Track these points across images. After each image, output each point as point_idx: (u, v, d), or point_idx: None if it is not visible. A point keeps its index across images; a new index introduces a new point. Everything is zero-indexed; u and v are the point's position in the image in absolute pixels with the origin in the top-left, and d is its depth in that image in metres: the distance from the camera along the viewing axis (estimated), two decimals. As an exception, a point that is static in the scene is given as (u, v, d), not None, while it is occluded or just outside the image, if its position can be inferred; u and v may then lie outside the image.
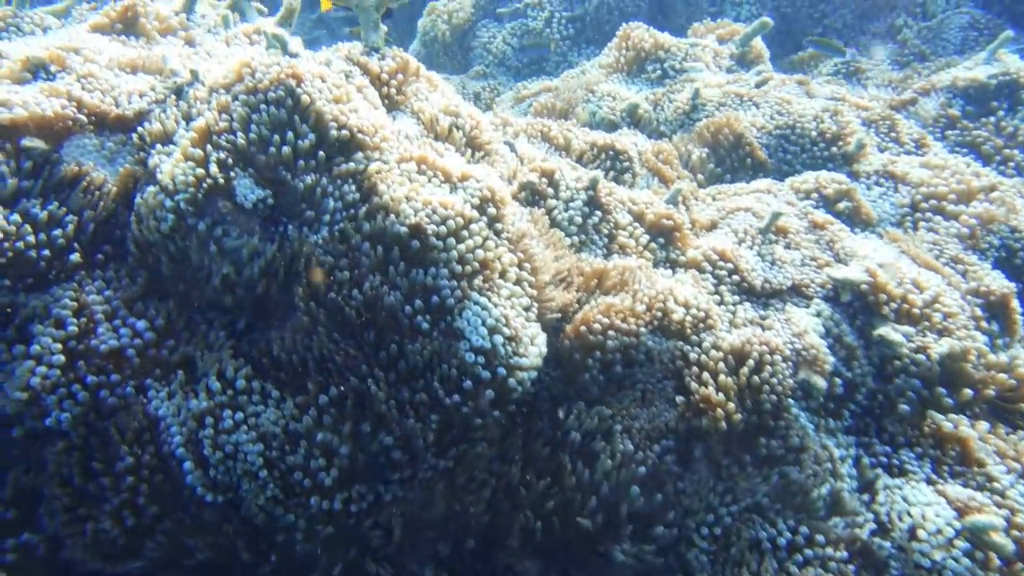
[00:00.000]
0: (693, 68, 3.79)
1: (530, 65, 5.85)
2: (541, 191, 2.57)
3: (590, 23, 5.73)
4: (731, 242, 2.56)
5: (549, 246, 2.38)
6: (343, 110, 2.05)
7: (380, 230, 2.01)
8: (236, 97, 1.99)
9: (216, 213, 1.94)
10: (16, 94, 1.98)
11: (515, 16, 5.98)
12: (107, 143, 2.06)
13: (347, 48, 2.50)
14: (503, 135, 3.04)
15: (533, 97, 5.18)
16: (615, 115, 3.72)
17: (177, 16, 2.78)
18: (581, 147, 3.06)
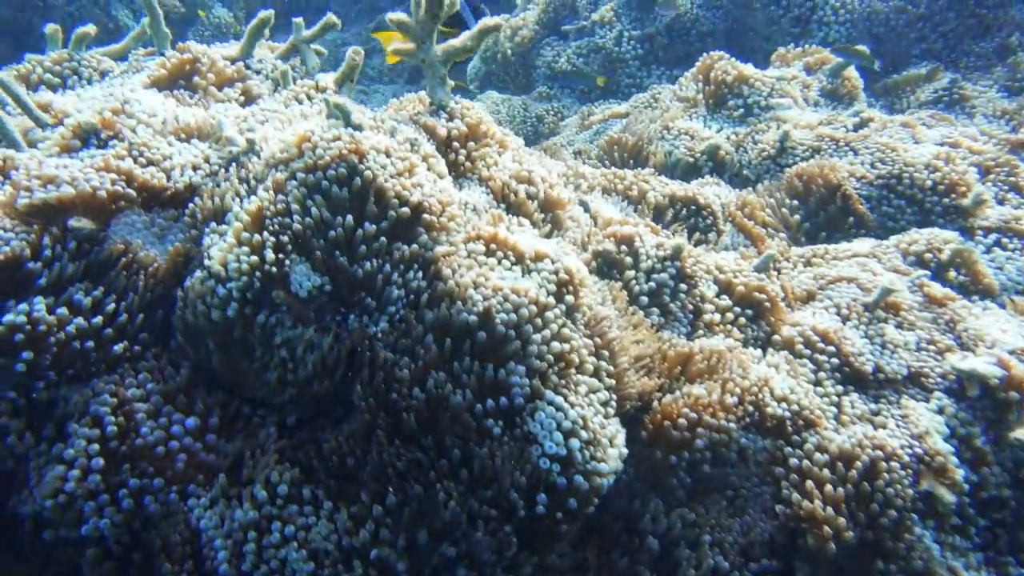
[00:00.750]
0: (780, 105, 3.54)
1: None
2: (618, 261, 2.38)
3: (661, 43, 5.50)
4: (833, 320, 2.33)
5: (628, 325, 2.20)
6: (407, 186, 1.91)
7: (444, 320, 1.85)
8: (294, 176, 1.86)
9: (269, 302, 1.82)
10: (65, 169, 1.89)
11: (581, 34, 5.80)
12: (157, 219, 1.96)
13: (413, 106, 2.36)
14: (576, 190, 2.86)
15: (601, 124, 4.99)
16: (693, 156, 3.50)
17: (234, 65, 2.69)
18: (658, 200, 2.86)
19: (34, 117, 2.33)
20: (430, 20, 2.26)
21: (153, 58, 2.85)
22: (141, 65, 2.74)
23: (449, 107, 2.33)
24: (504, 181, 2.21)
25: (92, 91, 2.53)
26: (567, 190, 2.73)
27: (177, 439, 1.77)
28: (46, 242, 1.81)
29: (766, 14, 5.34)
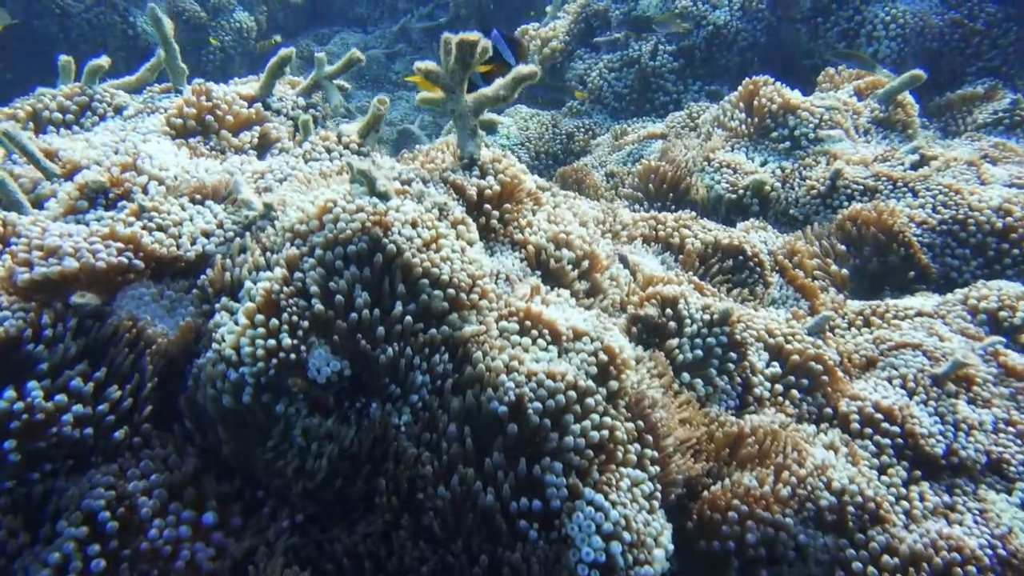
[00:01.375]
0: (830, 138, 3.35)
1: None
2: (661, 327, 2.23)
3: (700, 57, 5.31)
4: (898, 395, 2.16)
5: (673, 402, 2.04)
6: (435, 261, 1.77)
7: (472, 409, 1.72)
8: (313, 251, 1.74)
9: (285, 388, 1.70)
10: (68, 239, 1.78)
11: (614, 47, 5.63)
12: (167, 291, 1.85)
13: (442, 157, 2.23)
14: (614, 239, 2.71)
15: (636, 146, 4.83)
16: (736, 192, 3.33)
17: (252, 107, 2.57)
18: (699, 248, 2.70)
19: (42, 168, 2.23)
20: (460, 69, 2.12)
21: (169, 96, 2.75)
22: (156, 106, 2.63)
23: (480, 161, 2.20)
24: (539, 245, 2.07)
25: (103, 135, 2.42)
26: (605, 243, 2.58)
27: (185, 541, 1.65)
28: (46, 320, 1.70)
29: (810, 28, 5.13)
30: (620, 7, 5.76)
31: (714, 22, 5.20)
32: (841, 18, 4.91)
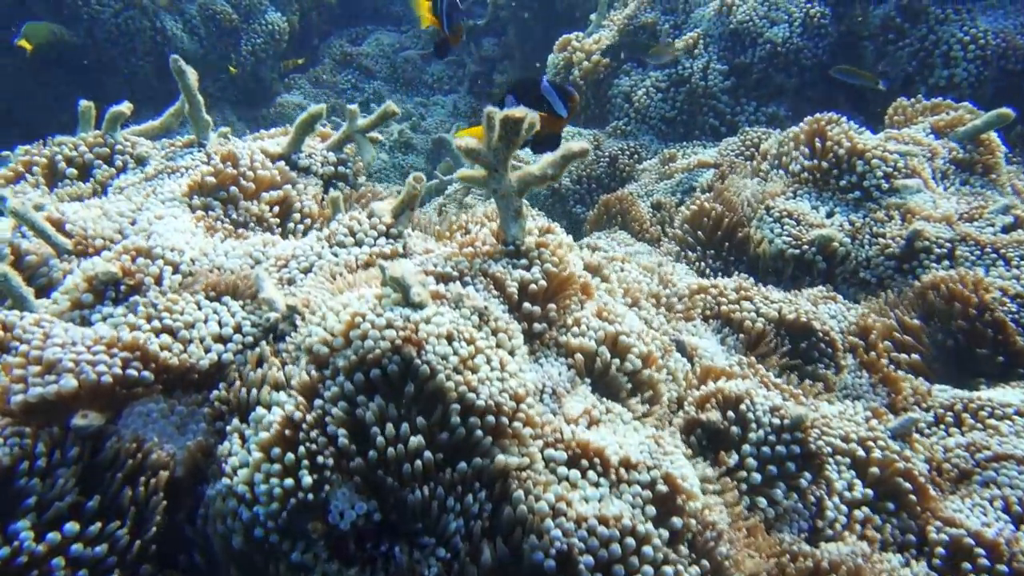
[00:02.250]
0: (906, 188, 3.09)
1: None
2: (723, 433, 2.02)
3: (755, 77, 5.03)
4: (1001, 524, 1.92)
5: (739, 530, 1.84)
6: (472, 385, 1.59)
7: (509, 561, 1.54)
8: (337, 375, 1.56)
9: (303, 531, 1.53)
10: (70, 350, 1.64)
11: (662, 63, 5.37)
12: (178, 406, 1.70)
13: (483, 239, 2.04)
14: (668, 312, 2.49)
15: (686, 175, 4.59)
16: (800, 248, 3.09)
17: (275, 166, 2.41)
18: (762, 328, 2.47)
19: (53, 244, 2.10)
20: (505, 147, 1.93)
21: (192, 152, 2.60)
22: (177, 166, 2.48)
23: (525, 247, 2.00)
24: (590, 351, 1.87)
25: (119, 203, 2.28)
26: (659, 320, 2.37)
27: None
28: (41, 448, 1.56)
29: (878, 46, 4.82)
30: (670, 19, 5.51)
31: (772, 39, 4.92)
32: (914, 38, 4.59)
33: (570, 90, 2.96)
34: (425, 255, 2.05)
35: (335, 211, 2.11)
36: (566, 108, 2.97)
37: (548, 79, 3.04)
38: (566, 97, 2.93)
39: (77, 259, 2.08)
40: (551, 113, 3.03)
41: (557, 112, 2.98)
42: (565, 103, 2.94)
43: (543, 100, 3.00)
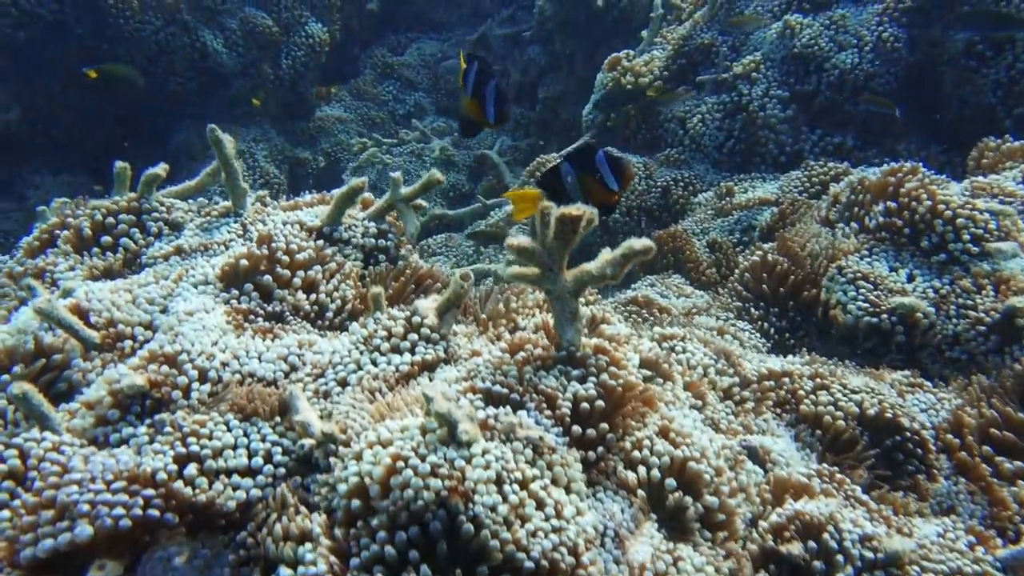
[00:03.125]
0: (1000, 253, 2.83)
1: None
2: (804, 568, 1.82)
3: (820, 105, 4.77)
4: None
5: None
6: (520, 543, 1.43)
7: None
8: (374, 533, 1.42)
9: None
10: (87, 491, 1.52)
11: (719, 89, 5.14)
12: (201, 550, 1.57)
13: (533, 342, 1.87)
14: (737, 406, 2.30)
15: (744, 213, 4.36)
16: (878, 316, 2.85)
17: (313, 244, 2.27)
18: (841, 425, 2.26)
19: (81, 339, 1.99)
20: (561, 246, 1.76)
21: (228, 221, 2.49)
22: (212, 242, 2.36)
23: (580, 354, 1.83)
24: (654, 482, 1.70)
25: (149, 288, 2.17)
26: (730, 434, 2.18)
27: None
28: (55, 607, 1.45)
29: (957, 73, 4.52)
30: (727, 40, 5.26)
31: (840, 65, 4.65)
32: (1001, 66, 4.28)
33: (625, 164, 2.78)
34: (471, 360, 1.89)
35: (375, 307, 1.96)
36: (617, 180, 2.78)
37: (605, 150, 2.85)
38: (620, 171, 2.75)
39: (103, 357, 1.97)
40: (604, 186, 2.83)
41: (608, 186, 2.79)
42: (618, 178, 2.76)
43: (598, 171, 2.80)
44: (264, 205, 2.72)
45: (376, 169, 7.17)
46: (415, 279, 2.31)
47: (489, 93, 2.62)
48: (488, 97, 2.63)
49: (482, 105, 2.64)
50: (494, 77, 2.67)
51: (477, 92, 2.65)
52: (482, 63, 2.69)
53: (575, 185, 2.69)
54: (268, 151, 7.79)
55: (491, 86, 2.62)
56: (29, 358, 1.92)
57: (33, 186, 6.97)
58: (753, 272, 3.38)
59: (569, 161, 2.71)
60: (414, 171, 7.20)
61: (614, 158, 2.54)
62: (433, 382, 1.77)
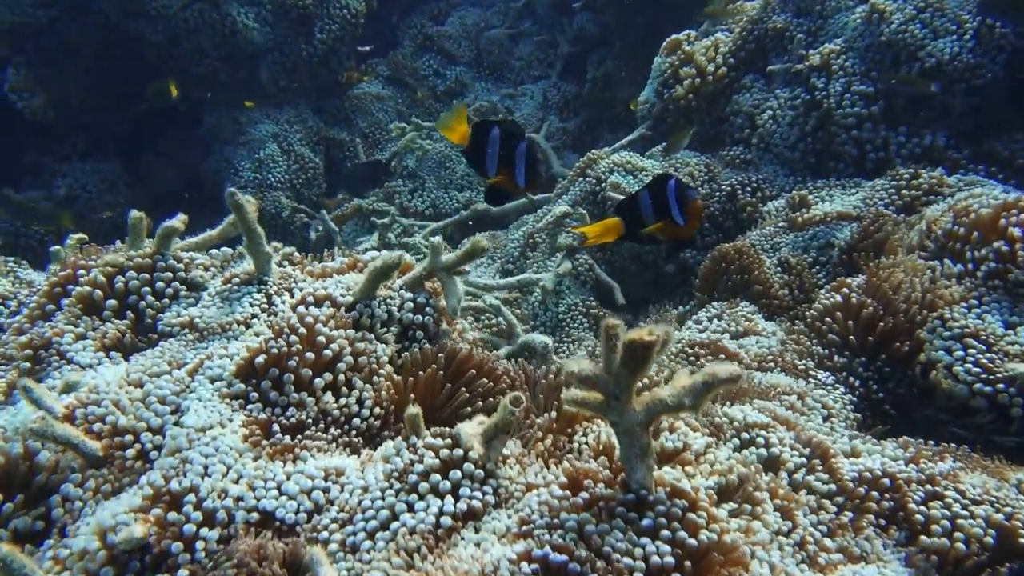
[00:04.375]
0: None
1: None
2: None
3: (903, 104, 4.32)
4: None
5: None
6: None
7: None
8: None
9: None
10: None
11: (791, 80, 4.71)
12: None
13: (594, 477, 1.60)
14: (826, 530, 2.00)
15: (820, 228, 3.99)
16: (992, 387, 2.52)
17: (344, 334, 2.02)
18: (959, 551, 1.95)
19: (81, 452, 1.79)
20: (629, 374, 1.49)
21: (251, 290, 2.24)
22: (231, 321, 2.13)
23: (653, 499, 1.56)
24: None
25: (161, 384, 1.94)
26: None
27: None
28: None
29: (1073, 66, 4.03)
30: (804, 23, 4.80)
31: (936, 54, 4.18)
32: None
33: (691, 197, 2.53)
34: (525, 501, 1.63)
35: (412, 430, 1.71)
36: (683, 215, 2.56)
37: (676, 179, 2.63)
38: (685, 205, 2.52)
39: (102, 476, 1.77)
40: (668, 218, 2.60)
41: (674, 219, 2.57)
42: (683, 210, 2.54)
43: (661, 201, 2.64)
44: (291, 263, 2.48)
45: (416, 156, 6.88)
46: (455, 365, 2.06)
47: (520, 156, 2.44)
48: (519, 159, 2.44)
49: (510, 170, 2.42)
50: (523, 138, 2.47)
51: (506, 159, 2.47)
52: (506, 127, 2.49)
53: (651, 215, 2.62)
54: (303, 133, 7.56)
55: (522, 148, 2.45)
56: (19, 481, 1.73)
57: (61, 173, 6.85)
58: (836, 314, 3.04)
59: (648, 189, 2.63)
60: (456, 157, 6.90)
61: (682, 189, 2.47)
62: (481, 544, 1.52)
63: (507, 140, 2.47)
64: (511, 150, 2.46)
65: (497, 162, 2.47)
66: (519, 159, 2.45)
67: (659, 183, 2.69)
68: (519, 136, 2.49)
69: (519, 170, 2.45)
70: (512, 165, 2.46)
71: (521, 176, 2.46)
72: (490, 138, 2.47)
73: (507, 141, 2.47)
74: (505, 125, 2.50)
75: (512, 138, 2.48)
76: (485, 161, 2.49)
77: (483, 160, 2.49)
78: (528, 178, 2.48)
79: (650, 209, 2.65)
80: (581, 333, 4.54)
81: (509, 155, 2.47)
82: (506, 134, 2.48)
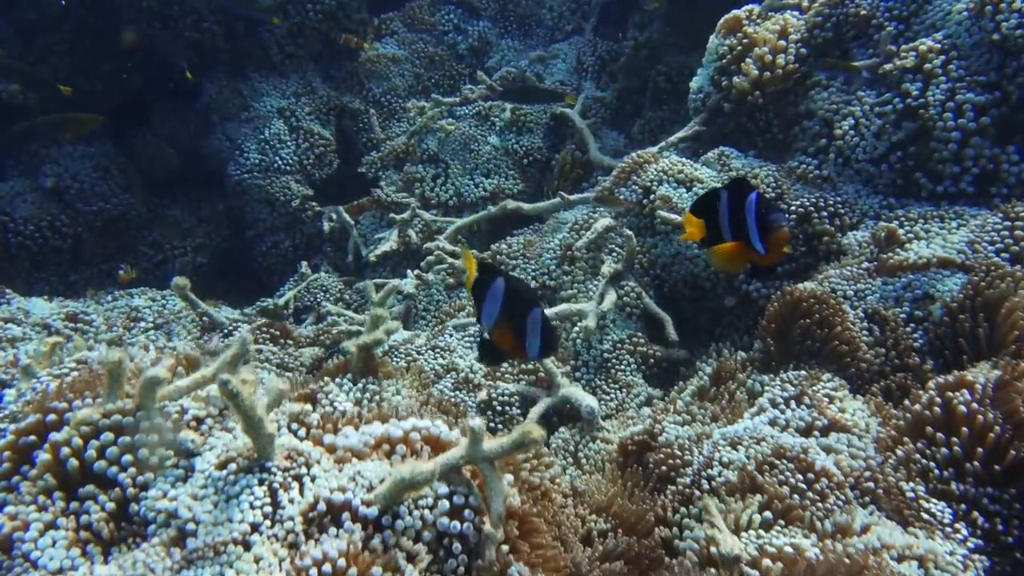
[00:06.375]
0: None
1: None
2: None
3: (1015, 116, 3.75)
4: None
5: None
6: None
7: None
8: None
9: None
10: None
11: (876, 80, 4.13)
12: None
13: None
14: None
15: (915, 276, 3.51)
16: None
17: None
18: None
19: None
20: None
21: (251, 482, 1.86)
22: (223, 543, 1.76)
23: None
24: None
25: None
26: None
27: None
28: None
29: None
30: (896, 7, 4.18)
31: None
32: None
33: (778, 223, 2.17)
34: None
35: None
36: (762, 243, 2.26)
37: (758, 193, 2.22)
38: (766, 230, 2.15)
39: None
40: (746, 242, 2.32)
41: (754, 245, 2.21)
42: (763, 236, 2.24)
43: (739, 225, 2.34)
44: (302, 425, 2.10)
45: (438, 138, 6.36)
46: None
47: (532, 325, 2.12)
48: (531, 329, 2.12)
49: (518, 334, 2.11)
50: (538, 304, 2.14)
51: (513, 319, 2.15)
52: (513, 285, 2.20)
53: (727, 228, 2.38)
54: (313, 105, 7.04)
55: (534, 316, 2.12)
56: None
57: (49, 160, 6.42)
58: (959, 429, 2.61)
59: (728, 191, 2.38)
60: (481, 137, 6.38)
61: (765, 208, 2.19)
62: None
63: (515, 300, 2.11)
64: (522, 314, 2.12)
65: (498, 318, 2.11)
66: (532, 328, 2.10)
67: (739, 190, 2.35)
68: (533, 302, 2.13)
69: (532, 342, 2.12)
70: (522, 329, 2.11)
71: (535, 348, 2.13)
72: (492, 291, 2.09)
73: (515, 301, 2.12)
74: (515, 286, 2.14)
75: (522, 302, 2.13)
76: (484, 310, 2.13)
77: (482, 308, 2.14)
78: (545, 352, 2.17)
79: (727, 219, 2.34)
80: (630, 376, 4.15)
81: (519, 319, 2.12)
82: (514, 292, 2.15)
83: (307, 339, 4.88)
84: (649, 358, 4.22)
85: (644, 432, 3.27)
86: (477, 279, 2.19)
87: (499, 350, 2.22)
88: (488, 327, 2.16)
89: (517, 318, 2.08)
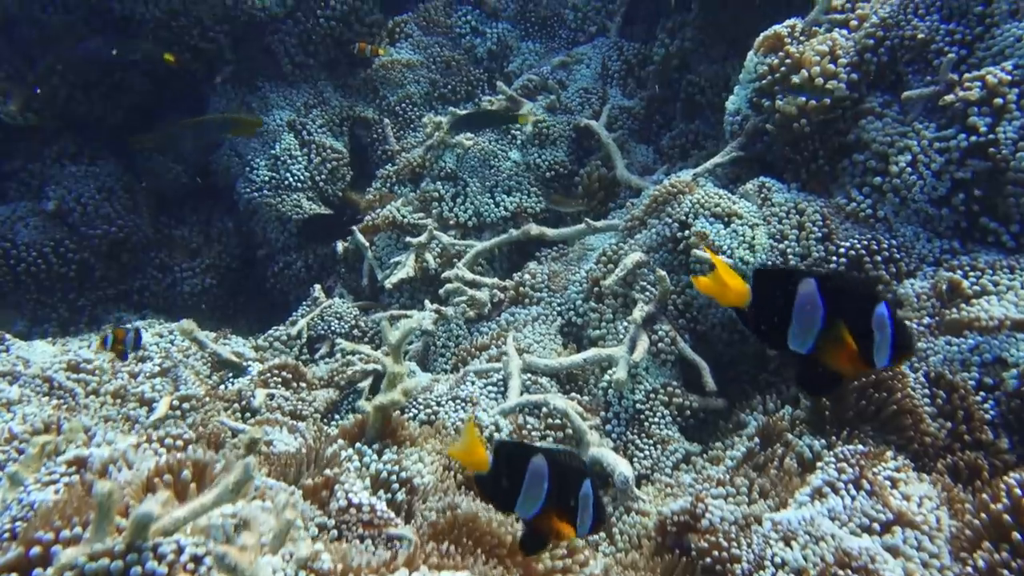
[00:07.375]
0: None
1: None
2: None
3: (1104, 158, 3.44)
4: None
5: None
6: None
7: None
8: None
9: None
10: None
11: (934, 110, 3.82)
12: None
13: None
14: None
15: (987, 340, 3.23)
16: None
17: None
18: None
19: None
20: None
21: None
22: None
23: None
24: None
25: None
26: None
27: None
28: None
29: None
30: (957, 32, 3.86)
31: None
32: None
33: (909, 345, 1.85)
34: None
35: None
36: (894, 351, 1.85)
37: (890, 305, 1.87)
38: (899, 344, 1.86)
39: None
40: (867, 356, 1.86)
41: (874, 361, 1.86)
42: (894, 349, 1.85)
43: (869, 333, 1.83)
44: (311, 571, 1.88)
45: (456, 154, 6.09)
46: None
47: (584, 502, 1.88)
48: (582, 506, 1.89)
49: (568, 511, 1.87)
50: (587, 474, 1.90)
51: (560, 498, 1.89)
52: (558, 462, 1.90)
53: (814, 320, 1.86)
54: (325, 118, 6.79)
55: (586, 491, 1.88)
56: None
57: (52, 181, 6.23)
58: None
59: (824, 293, 1.86)
60: (502, 152, 6.10)
61: (898, 324, 1.82)
62: None
63: (563, 480, 1.88)
64: (570, 492, 1.88)
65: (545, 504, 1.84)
66: (584, 504, 1.87)
67: (846, 285, 1.95)
68: (582, 474, 1.90)
69: (583, 521, 1.88)
70: (571, 508, 1.87)
71: (587, 527, 1.90)
72: (531, 475, 1.83)
73: (563, 481, 1.88)
74: (558, 459, 1.89)
75: (572, 478, 1.89)
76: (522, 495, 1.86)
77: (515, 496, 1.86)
78: (596, 528, 1.94)
79: (820, 309, 1.86)
80: (665, 430, 3.91)
81: (567, 497, 1.88)
82: (559, 468, 1.89)
83: (321, 381, 4.68)
84: (685, 409, 3.98)
85: (685, 512, 3.04)
86: (496, 464, 1.90)
87: (544, 537, 1.95)
88: (529, 516, 1.89)
89: (564, 497, 1.83)
